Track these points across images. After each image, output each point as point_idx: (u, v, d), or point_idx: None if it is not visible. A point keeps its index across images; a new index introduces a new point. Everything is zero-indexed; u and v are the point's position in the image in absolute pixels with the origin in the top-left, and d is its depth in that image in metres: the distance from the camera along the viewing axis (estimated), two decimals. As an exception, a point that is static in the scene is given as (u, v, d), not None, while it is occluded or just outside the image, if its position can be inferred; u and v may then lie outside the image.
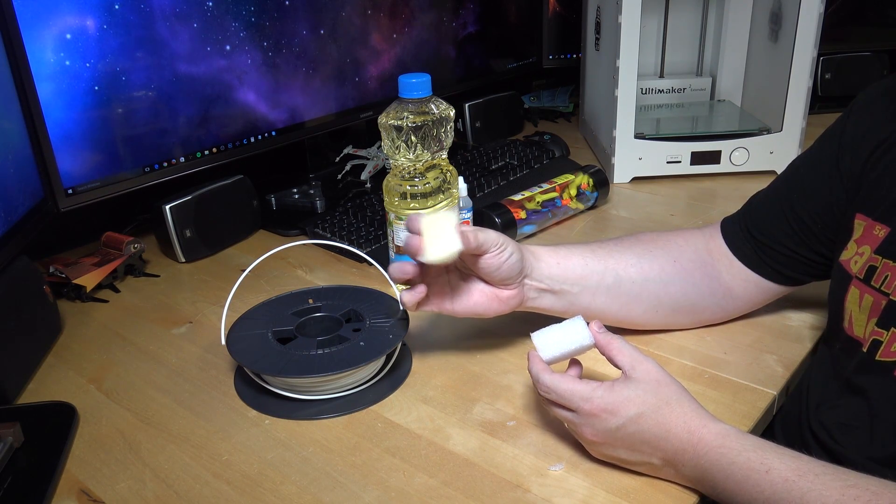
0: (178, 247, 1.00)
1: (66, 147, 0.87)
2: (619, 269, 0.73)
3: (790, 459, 0.53)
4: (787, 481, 0.51)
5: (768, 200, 0.75)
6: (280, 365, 0.69)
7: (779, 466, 0.52)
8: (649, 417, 0.57)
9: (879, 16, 1.49)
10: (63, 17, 0.84)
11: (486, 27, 1.38)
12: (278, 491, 0.61)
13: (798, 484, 0.51)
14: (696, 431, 0.56)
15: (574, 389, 0.59)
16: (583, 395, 0.58)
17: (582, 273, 0.73)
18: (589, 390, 0.58)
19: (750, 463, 0.53)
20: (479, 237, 0.66)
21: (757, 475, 0.53)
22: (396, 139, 0.81)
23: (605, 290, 0.73)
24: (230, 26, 0.99)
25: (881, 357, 0.59)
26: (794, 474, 0.52)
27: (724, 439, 0.55)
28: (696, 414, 0.57)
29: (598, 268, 0.73)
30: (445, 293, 0.71)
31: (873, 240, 0.62)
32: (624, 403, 0.57)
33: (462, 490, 0.60)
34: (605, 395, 0.58)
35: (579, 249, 0.75)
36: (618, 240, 0.78)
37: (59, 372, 0.79)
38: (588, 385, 0.59)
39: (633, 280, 0.74)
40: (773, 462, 0.53)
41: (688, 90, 1.38)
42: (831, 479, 0.51)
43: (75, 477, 0.64)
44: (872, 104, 0.67)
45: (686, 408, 0.58)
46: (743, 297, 0.76)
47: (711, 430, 0.56)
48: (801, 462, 0.53)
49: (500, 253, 0.67)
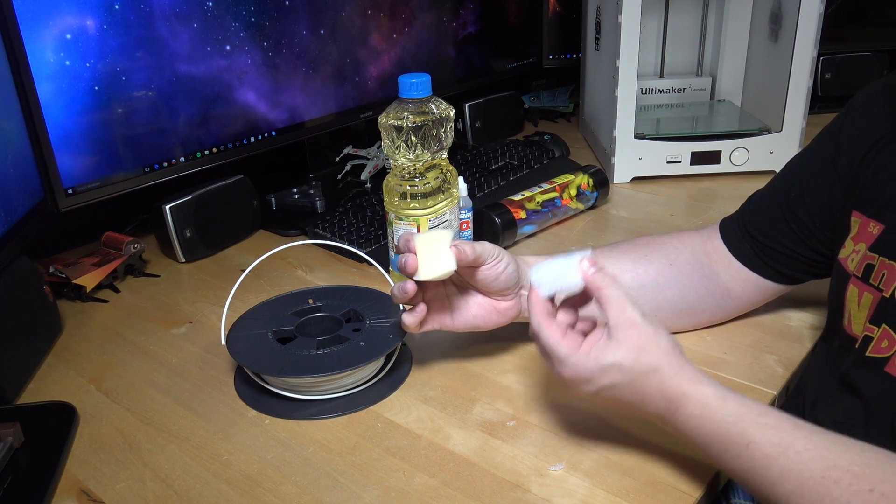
0: (178, 247, 1.00)
1: (66, 147, 0.87)
2: (615, 275, 0.73)
3: (771, 433, 0.52)
4: (768, 457, 0.51)
5: (766, 200, 0.75)
6: (280, 365, 0.69)
7: (759, 441, 0.51)
8: (624, 387, 0.57)
9: (879, 16, 1.49)
10: (63, 17, 0.84)
11: (486, 27, 1.38)
12: (278, 491, 0.61)
13: (778, 461, 0.50)
14: (673, 399, 0.55)
15: (554, 346, 0.58)
16: (559, 357, 0.57)
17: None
18: (566, 353, 0.57)
19: (730, 436, 0.53)
20: (475, 249, 0.66)
21: (737, 448, 0.52)
22: (396, 139, 0.81)
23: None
24: (230, 26, 0.99)
25: (871, 353, 0.60)
26: (774, 450, 0.51)
27: (703, 409, 0.54)
28: (675, 380, 0.55)
29: None
30: (444, 309, 0.71)
31: (868, 237, 0.62)
32: (599, 372, 0.57)
33: (462, 490, 0.60)
34: (580, 363, 0.57)
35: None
36: (612, 245, 0.78)
37: (59, 372, 0.79)
38: (569, 344, 0.57)
39: (630, 286, 0.73)
40: (754, 435, 0.52)
41: (688, 90, 1.38)
42: (813, 458, 0.49)
43: (75, 477, 0.64)
44: (870, 103, 0.67)
45: (665, 374, 0.56)
46: (742, 297, 0.76)
47: (691, 398, 0.55)
48: (783, 436, 0.51)
49: (496, 264, 0.67)
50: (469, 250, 0.66)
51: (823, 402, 0.65)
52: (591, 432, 0.65)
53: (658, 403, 0.56)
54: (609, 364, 0.56)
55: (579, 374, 0.57)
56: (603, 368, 0.56)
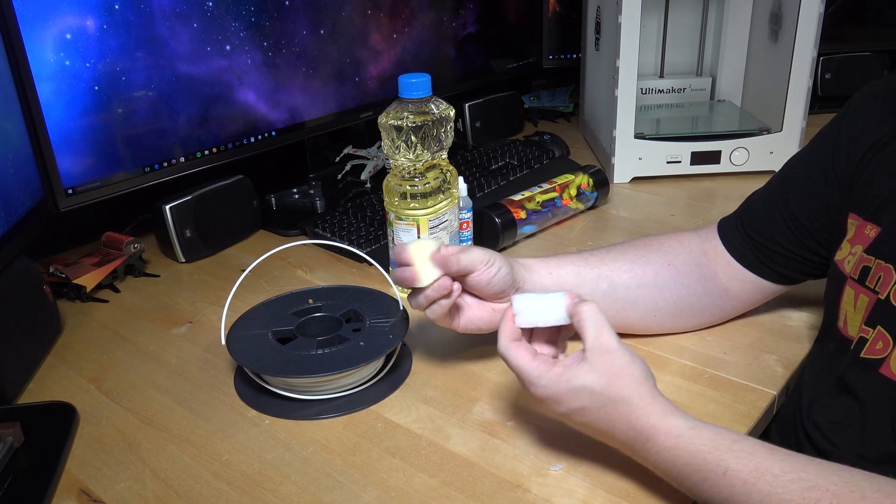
0: (178, 247, 1.00)
1: (66, 147, 0.87)
2: (613, 276, 0.74)
3: (747, 458, 0.51)
4: (746, 484, 0.50)
5: (765, 200, 0.75)
6: (280, 365, 0.69)
7: (736, 468, 0.51)
8: (593, 413, 0.56)
9: (879, 16, 1.49)
10: (63, 17, 0.84)
11: (486, 27, 1.38)
12: (278, 491, 0.61)
13: (757, 487, 0.50)
14: (643, 431, 0.55)
15: (524, 367, 0.58)
16: (530, 378, 0.57)
17: (575, 281, 0.73)
18: (537, 374, 0.57)
19: (706, 465, 0.52)
20: (461, 260, 0.66)
21: (714, 477, 0.51)
22: (396, 139, 0.81)
23: (599, 297, 0.72)
24: (230, 26, 0.99)
25: (865, 354, 0.60)
26: (752, 476, 0.50)
27: (676, 440, 0.53)
28: (645, 412, 0.55)
29: (591, 275, 0.73)
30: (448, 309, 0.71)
31: (864, 239, 0.62)
32: (569, 394, 0.56)
33: (462, 490, 0.60)
34: (551, 383, 0.57)
35: (571, 259, 0.75)
36: (610, 247, 0.78)
37: (59, 372, 0.79)
38: (539, 366, 0.57)
39: (628, 286, 0.74)
40: (730, 463, 0.51)
41: (688, 90, 1.38)
42: (791, 480, 0.49)
43: (75, 477, 0.64)
44: (867, 105, 0.67)
45: (635, 406, 0.55)
46: (740, 297, 0.76)
47: (662, 431, 0.54)
48: (759, 461, 0.51)
49: (488, 269, 0.67)
50: (454, 262, 0.65)
51: (819, 404, 0.65)
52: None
53: (627, 434, 0.56)
54: (579, 386, 0.56)
55: (549, 394, 0.57)
56: (573, 390, 0.56)
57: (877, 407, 0.59)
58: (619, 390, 0.55)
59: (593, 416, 0.56)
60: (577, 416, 0.57)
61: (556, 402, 0.57)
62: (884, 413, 0.58)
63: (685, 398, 0.69)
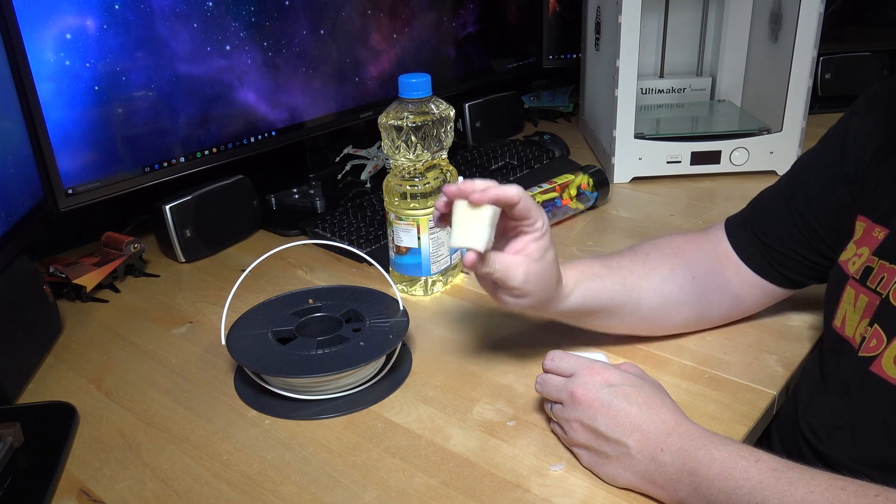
0: (178, 247, 1.00)
1: (66, 147, 0.87)
2: (643, 298, 0.72)
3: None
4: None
5: (775, 203, 0.74)
6: (280, 365, 0.69)
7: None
8: (641, 391, 0.59)
9: (879, 16, 1.49)
10: (63, 17, 0.84)
11: (486, 27, 1.38)
12: (278, 491, 0.61)
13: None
14: (681, 423, 0.57)
15: (579, 360, 0.63)
16: (585, 364, 0.62)
17: (606, 303, 0.72)
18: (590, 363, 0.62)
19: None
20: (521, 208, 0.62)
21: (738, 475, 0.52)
22: (396, 139, 0.81)
23: (619, 317, 0.73)
24: (230, 26, 0.99)
25: (863, 353, 0.60)
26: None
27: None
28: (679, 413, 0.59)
29: (622, 299, 0.72)
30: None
31: (872, 241, 0.62)
32: (622, 376, 0.61)
33: (462, 490, 0.60)
34: (608, 367, 0.62)
35: (609, 278, 0.72)
36: (644, 257, 0.74)
37: (59, 372, 0.79)
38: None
39: (653, 306, 0.73)
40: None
41: (688, 90, 1.38)
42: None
43: (75, 477, 0.64)
44: (875, 107, 0.67)
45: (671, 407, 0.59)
46: (748, 302, 0.76)
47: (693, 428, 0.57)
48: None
49: (542, 236, 0.63)
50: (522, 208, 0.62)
51: (814, 405, 0.65)
52: (591, 432, 0.65)
53: (667, 417, 0.57)
54: (631, 376, 0.61)
55: (607, 373, 0.61)
56: (626, 375, 0.61)
57: (868, 408, 0.59)
58: (654, 392, 0.61)
59: (640, 394, 0.59)
60: (625, 388, 0.59)
61: (608, 383, 0.60)
62: (874, 414, 0.58)
63: (685, 398, 0.69)
